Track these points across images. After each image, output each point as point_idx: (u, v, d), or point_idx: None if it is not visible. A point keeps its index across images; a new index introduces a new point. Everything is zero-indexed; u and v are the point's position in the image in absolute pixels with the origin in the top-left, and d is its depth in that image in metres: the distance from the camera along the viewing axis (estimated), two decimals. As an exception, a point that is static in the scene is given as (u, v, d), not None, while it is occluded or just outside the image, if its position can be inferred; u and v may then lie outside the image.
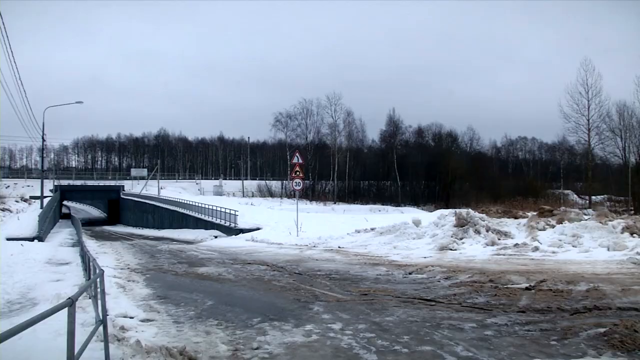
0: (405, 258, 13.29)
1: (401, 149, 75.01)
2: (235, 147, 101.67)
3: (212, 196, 58.46)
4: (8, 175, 74.41)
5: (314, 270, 11.60)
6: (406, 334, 5.81)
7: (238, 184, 75.12)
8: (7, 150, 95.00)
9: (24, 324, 2.83)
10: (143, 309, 7.76)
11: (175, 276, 11.95)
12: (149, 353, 5.16)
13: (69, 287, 9.89)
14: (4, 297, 9.14)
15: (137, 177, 71.30)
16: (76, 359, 3.66)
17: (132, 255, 17.50)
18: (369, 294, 8.42)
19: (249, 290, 9.50)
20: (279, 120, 73.47)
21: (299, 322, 6.57)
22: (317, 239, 19.49)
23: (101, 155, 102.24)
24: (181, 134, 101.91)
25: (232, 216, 29.07)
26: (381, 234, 17.78)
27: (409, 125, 76.66)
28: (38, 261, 15.19)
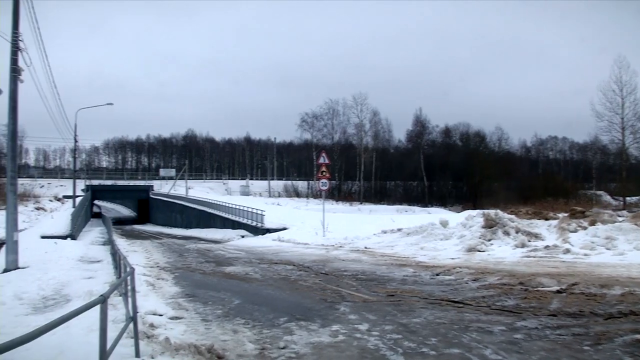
0: (432, 259, 13.17)
1: (428, 148, 74.39)
2: (262, 147, 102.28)
3: (239, 196, 58.91)
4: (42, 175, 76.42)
5: (340, 271, 11.59)
6: (434, 336, 5.75)
7: (264, 184, 75.59)
8: (41, 151, 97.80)
9: (58, 319, 2.91)
10: (172, 306, 7.87)
11: (203, 275, 12.09)
12: (177, 350, 5.23)
13: (100, 284, 10.10)
14: (39, 293, 9.39)
15: (166, 177, 72.33)
16: (108, 355, 3.74)
17: (161, 254, 17.76)
18: (396, 295, 8.37)
19: (275, 289, 9.55)
20: (305, 120, 73.72)
21: (326, 322, 6.57)
22: (343, 239, 19.47)
23: (131, 156, 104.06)
24: (208, 135, 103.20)
25: (258, 216, 29.26)
26: (408, 234, 17.66)
27: (436, 125, 76.11)
28: (71, 259, 15.54)
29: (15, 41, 13.18)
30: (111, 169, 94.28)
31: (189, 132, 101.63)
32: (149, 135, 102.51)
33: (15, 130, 13.75)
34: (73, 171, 47.78)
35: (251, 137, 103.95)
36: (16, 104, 13.29)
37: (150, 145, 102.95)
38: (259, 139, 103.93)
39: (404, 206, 58.58)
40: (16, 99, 13.26)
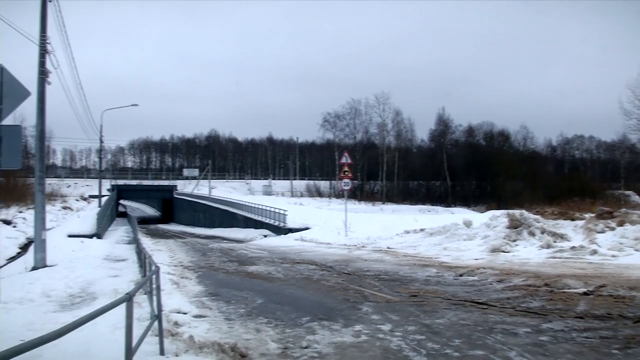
0: (455, 259, 13.05)
1: (451, 148, 73.69)
2: (284, 147, 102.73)
3: (261, 196, 59.22)
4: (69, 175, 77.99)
5: (362, 271, 11.56)
6: (457, 337, 5.70)
7: (287, 184, 75.87)
8: (68, 151, 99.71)
9: (86, 317, 2.96)
10: (196, 305, 7.95)
11: (226, 274, 12.18)
12: (201, 348, 5.29)
13: (125, 282, 10.25)
14: (66, 290, 9.57)
15: (189, 177, 73.14)
16: (134, 352, 3.80)
17: (185, 253, 17.95)
18: (419, 296, 8.32)
19: (298, 289, 9.57)
20: (327, 120, 73.77)
21: (348, 322, 6.56)
22: (365, 239, 19.42)
23: (155, 156, 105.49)
24: (231, 135, 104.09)
25: (281, 216, 29.36)
26: (431, 234, 17.54)
27: (459, 124, 75.29)
28: (97, 257, 15.81)
29: (43, 44, 13.46)
30: (136, 169, 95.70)
31: (212, 132, 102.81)
32: (173, 136, 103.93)
33: (43, 131, 14.05)
34: (99, 171, 48.68)
35: (273, 137, 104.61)
36: (44, 106, 13.57)
37: (174, 145, 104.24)
38: (282, 139, 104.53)
39: (427, 206, 58.15)
40: (44, 100, 13.53)
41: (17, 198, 34.52)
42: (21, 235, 24.43)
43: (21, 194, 35.95)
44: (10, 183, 35.32)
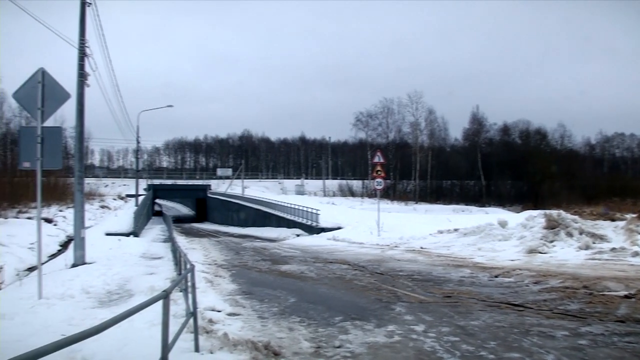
0: (490, 260, 12.83)
1: (486, 147, 72.44)
2: (317, 146, 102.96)
3: (294, 195, 59.48)
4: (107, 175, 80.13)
5: (395, 271, 11.49)
6: (492, 339, 5.60)
7: (319, 184, 75.99)
8: (105, 152, 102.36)
9: (125, 313, 3.03)
10: (229, 303, 8.05)
11: (259, 273, 12.28)
12: (235, 346, 5.34)
13: (161, 280, 10.45)
14: (104, 287, 9.81)
15: (223, 176, 74.08)
16: (170, 349, 3.86)
17: (219, 252, 18.17)
18: (453, 296, 8.21)
19: (330, 288, 9.58)
20: (359, 119, 73.57)
21: (381, 322, 6.53)
22: (398, 239, 19.29)
23: (190, 156, 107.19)
24: (264, 135, 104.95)
25: (313, 215, 29.42)
26: (465, 235, 17.29)
27: (494, 122, 73.82)
28: (133, 255, 16.16)
29: (82, 47, 13.82)
30: (171, 169, 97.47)
31: (245, 132, 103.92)
32: (207, 136, 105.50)
33: (82, 132, 14.44)
34: (135, 171, 49.71)
35: (306, 136, 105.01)
36: (83, 108, 13.94)
37: (207, 145, 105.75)
38: (314, 139, 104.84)
39: (461, 206, 57.34)
40: (83, 102, 13.90)
41: (58, 197, 35.62)
42: (61, 233, 25.19)
43: (61, 193, 37.07)
44: (51, 182, 36.44)
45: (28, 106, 8.80)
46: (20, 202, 29.66)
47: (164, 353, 3.70)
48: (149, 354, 4.55)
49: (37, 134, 8.61)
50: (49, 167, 9.00)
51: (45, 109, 8.68)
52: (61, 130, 9.78)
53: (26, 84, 8.66)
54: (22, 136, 8.91)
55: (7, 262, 15.12)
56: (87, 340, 2.59)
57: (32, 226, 21.90)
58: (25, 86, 8.67)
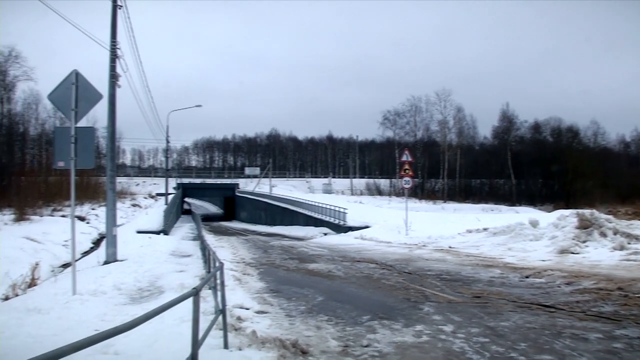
0: (521, 260, 12.62)
1: (516, 145, 71.19)
2: (344, 145, 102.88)
3: (321, 194, 59.57)
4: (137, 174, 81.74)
5: (423, 270, 11.40)
6: (523, 340, 5.51)
7: (347, 182, 75.96)
8: (136, 151, 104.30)
9: (157, 309, 3.09)
10: (257, 301, 8.11)
11: (287, 271, 12.34)
12: (263, 343, 5.39)
13: (190, 277, 10.60)
14: (135, 284, 10.00)
15: (251, 175, 74.70)
16: (200, 345, 3.92)
17: (247, 250, 18.31)
18: (482, 297, 8.11)
19: (358, 287, 9.56)
20: (387, 118, 73.21)
21: (409, 322, 6.49)
22: (426, 238, 19.13)
23: (218, 155, 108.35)
24: (291, 134, 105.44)
25: (341, 214, 29.39)
26: (495, 234, 17.04)
27: (524, 120, 72.44)
28: (163, 253, 16.43)
29: (113, 49, 14.10)
30: (200, 168, 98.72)
31: (272, 131, 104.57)
32: (235, 135, 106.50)
33: (114, 132, 14.73)
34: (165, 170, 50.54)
35: (333, 135, 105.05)
36: (115, 108, 14.22)
37: (235, 144, 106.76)
38: (341, 137, 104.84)
39: (490, 205, 56.55)
40: (114, 103, 14.18)
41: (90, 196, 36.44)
42: (94, 231, 25.75)
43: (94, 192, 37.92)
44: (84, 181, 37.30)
45: (62, 107, 9.03)
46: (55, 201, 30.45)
47: (194, 349, 3.76)
48: (179, 349, 4.62)
49: (70, 134, 8.83)
50: (82, 167, 9.21)
51: (78, 109, 8.89)
52: (94, 130, 10.00)
53: (60, 85, 8.88)
54: (57, 136, 9.14)
55: (43, 258, 15.54)
56: (119, 335, 2.64)
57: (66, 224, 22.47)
58: (60, 87, 8.89)
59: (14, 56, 39.44)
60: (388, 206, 46.18)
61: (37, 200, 28.17)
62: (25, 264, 14.06)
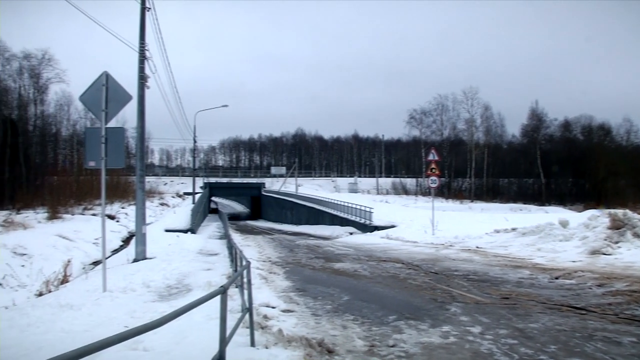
0: (550, 261, 12.39)
1: (545, 143, 69.79)
2: (370, 144, 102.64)
3: (347, 193, 59.48)
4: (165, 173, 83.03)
5: (450, 270, 11.29)
6: (553, 343, 5.41)
7: (372, 182, 75.70)
8: (164, 151, 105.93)
9: (185, 307, 3.14)
10: (283, 300, 8.15)
11: (313, 270, 12.36)
12: (290, 342, 5.41)
13: (217, 276, 10.72)
14: (164, 282, 10.16)
15: (277, 175, 75.12)
16: (227, 342, 3.96)
17: (273, 249, 18.41)
18: (511, 298, 7.99)
19: (384, 287, 9.52)
20: (413, 117, 72.73)
21: (436, 322, 6.44)
22: (453, 238, 18.94)
23: (244, 155, 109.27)
24: (317, 133, 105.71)
25: (366, 213, 29.31)
26: (523, 234, 16.76)
27: (554, 118, 71.00)
28: (191, 251, 16.64)
29: (142, 51, 14.34)
30: (226, 167, 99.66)
31: (298, 131, 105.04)
32: (261, 135, 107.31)
33: (143, 132, 14.98)
34: (192, 170, 51.15)
35: (359, 134, 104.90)
36: (143, 109, 14.46)
37: (261, 144, 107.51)
38: (367, 137, 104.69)
39: (519, 204, 55.59)
40: (143, 103, 14.42)
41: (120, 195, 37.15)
42: (123, 229, 26.24)
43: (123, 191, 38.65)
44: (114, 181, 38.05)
45: (93, 108, 9.22)
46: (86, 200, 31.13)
47: (221, 346, 3.80)
48: (206, 346, 4.68)
49: (101, 135, 9.01)
50: (113, 166, 9.38)
51: (108, 110, 9.07)
52: (124, 130, 10.19)
53: (91, 87, 9.07)
54: (88, 137, 9.33)
55: (74, 256, 15.92)
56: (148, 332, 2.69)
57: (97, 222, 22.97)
58: (90, 89, 9.08)
59: (47, 59, 40.54)
60: (414, 205, 45.86)
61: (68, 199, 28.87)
62: (57, 261, 14.44)
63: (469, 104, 70.03)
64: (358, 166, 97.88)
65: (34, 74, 40.51)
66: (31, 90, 41.24)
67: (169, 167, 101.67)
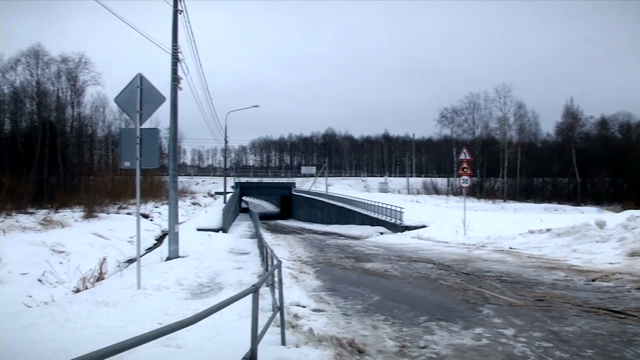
0: (586, 263, 12.08)
1: (581, 142, 68.10)
2: (400, 144, 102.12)
3: (377, 193, 59.28)
4: (197, 173, 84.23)
5: (482, 271, 11.13)
6: (590, 347, 5.27)
7: (403, 181, 75.27)
8: (196, 151, 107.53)
9: (218, 305, 3.19)
10: (314, 299, 8.17)
11: (343, 270, 12.36)
12: (320, 341, 5.42)
13: (248, 274, 10.82)
14: (196, 280, 10.31)
15: (307, 174, 75.36)
16: (259, 341, 4.00)
17: (303, 249, 18.47)
18: (545, 300, 7.82)
19: (415, 288, 9.45)
20: (444, 115, 72.11)
21: (468, 324, 6.36)
22: (485, 238, 18.66)
23: (274, 154, 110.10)
24: (347, 133, 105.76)
25: (397, 213, 29.14)
26: (558, 235, 16.39)
27: (590, 116, 69.19)
28: (222, 250, 16.85)
29: (174, 53, 14.58)
30: (257, 167, 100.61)
31: (328, 130, 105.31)
32: (291, 135, 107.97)
33: (175, 133, 15.23)
34: (224, 170, 51.74)
35: (389, 134, 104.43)
36: (176, 110, 14.70)
37: (292, 144, 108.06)
38: (397, 136, 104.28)
39: (553, 204, 54.36)
40: (176, 105, 14.66)
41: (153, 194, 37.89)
42: (157, 228, 26.74)
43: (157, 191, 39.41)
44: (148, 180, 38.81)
45: (128, 109, 9.41)
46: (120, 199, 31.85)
47: (253, 344, 3.84)
48: (237, 344, 4.73)
49: (136, 136, 9.19)
50: (147, 166, 9.56)
51: (143, 111, 9.25)
52: (157, 131, 10.37)
53: (126, 88, 9.27)
54: (123, 138, 9.53)
55: (110, 254, 16.32)
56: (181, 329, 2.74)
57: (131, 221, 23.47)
58: (125, 91, 9.28)
59: (83, 62, 41.60)
60: (445, 205, 45.35)
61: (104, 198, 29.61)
62: (93, 258, 14.83)
63: (501, 102, 68.95)
64: (388, 166, 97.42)
65: (71, 77, 41.64)
66: (68, 93, 42.40)
67: (201, 167, 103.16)
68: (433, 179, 77.48)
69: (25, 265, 13.28)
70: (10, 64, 39.29)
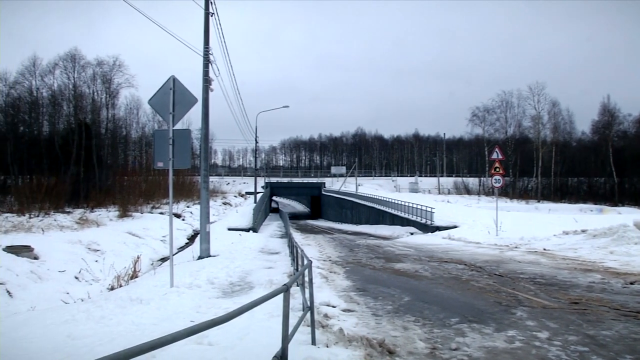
0: (624, 265, 11.73)
1: (618, 140, 66.16)
2: (431, 143, 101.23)
3: (407, 193, 58.88)
4: (228, 173, 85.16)
5: (515, 273, 10.93)
6: (628, 352, 5.12)
7: (433, 181, 74.56)
8: (227, 151, 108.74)
9: (250, 304, 3.22)
10: (344, 299, 8.17)
11: (373, 270, 12.32)
12: (350, 342, 5.42)
13: (279, 274, 10.89)
14: (227, 279, 10.43)
15: (337, 174, 75.29)
16: (289, 340, 4.03)
17: (333, 249, 18.48)
18: (581, 303, 7.64)
19: (446, 289, 9.35)
20: (476, 114, 71.05)
21: (500, 326, 6.26)
22: (518, 239, 18.33)
23: (304, 155, 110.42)
24: (377, 132, 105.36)
25: (428, 213, 28.87)
26: (594, 236, 15.99)
27: (628, 113, 67.02)
28: (253, 250, 16.99)
29: (206, 55, 14.77)
30: (287, 167, 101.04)
31: (358, 130, 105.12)
32: (321, 135, 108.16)
33: (207, 133, 15.44)
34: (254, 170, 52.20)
35: (420, 133, 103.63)
36: (208, 111, 14.89)
37: (321, 144, 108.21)
38: (428, 135, 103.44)
39: (589, 205, 52.97)
40: (208, 106, 14.85)
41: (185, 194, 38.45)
42: (189, 227, 27.13)
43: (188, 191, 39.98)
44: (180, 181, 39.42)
45: (161, 111, 9.58)
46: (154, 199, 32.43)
47: (284, 343, 3.87)
48: (268, 343, 4.77)
49: (169, 137, 9.35)
50: (179, 167, 9.72)
51: (175, 113, 9.41)
52: (189, 132, 10.52)
53: (159, 91, 9.44)
54: (156, 139, 9.70)
55: (143, 252, 16.64)
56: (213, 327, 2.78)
57: (164, 221, 23.90)
58: (159, 93, 9.45)
59: (118, 65, 42.55)
60: (477, 206, 44.72)
61: (137, 198, 30.20)
62: (127, 257, 15.15)
63: (535, 100, 67.49)
64: (419, 165, 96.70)
65: (106, 80, 42.66)
66: (103, 95, 43.45)
67: (231, 167, 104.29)
68: (464, 178, 76.57)
69: (62, 263, 13.67)
70: (49, 67, 40.61)
